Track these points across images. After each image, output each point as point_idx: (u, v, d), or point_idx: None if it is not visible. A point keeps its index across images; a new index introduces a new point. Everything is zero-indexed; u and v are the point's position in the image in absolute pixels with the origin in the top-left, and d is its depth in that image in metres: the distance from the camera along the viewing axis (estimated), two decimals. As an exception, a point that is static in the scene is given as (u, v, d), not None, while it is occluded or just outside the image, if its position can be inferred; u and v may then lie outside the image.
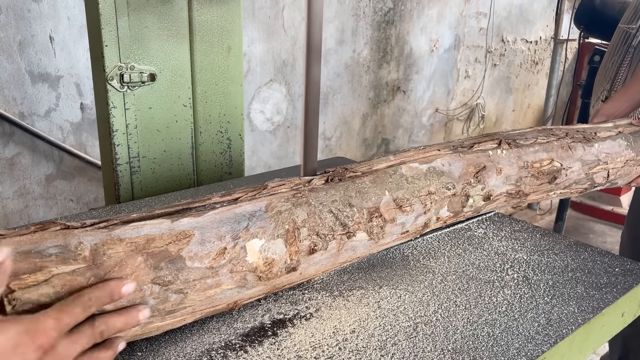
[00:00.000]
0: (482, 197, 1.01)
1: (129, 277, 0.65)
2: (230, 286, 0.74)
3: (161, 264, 0.68)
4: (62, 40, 2.08)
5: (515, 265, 1.00)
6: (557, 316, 0.85)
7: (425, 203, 0.92)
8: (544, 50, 4.69)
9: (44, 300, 0.60)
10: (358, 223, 0.85)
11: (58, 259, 0.62)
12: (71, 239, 0.64)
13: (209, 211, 0.74)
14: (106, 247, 0.65)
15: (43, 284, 0.60)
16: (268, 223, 0.77)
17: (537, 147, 1.08)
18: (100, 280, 0.63)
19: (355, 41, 3.18)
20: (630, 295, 0.94)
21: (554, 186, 1.12)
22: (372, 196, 0.87)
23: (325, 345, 0.76)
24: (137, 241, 0.68)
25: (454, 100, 4.05)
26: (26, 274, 0.60)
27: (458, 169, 0.97)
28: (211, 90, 1.41)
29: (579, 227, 3.66)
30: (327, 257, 0.83)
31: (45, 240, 0.63)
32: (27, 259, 0.61)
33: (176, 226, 0.71)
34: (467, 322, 0.82)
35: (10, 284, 0.59)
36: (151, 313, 0.68)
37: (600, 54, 2.53)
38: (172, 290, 0.69)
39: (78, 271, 0.63)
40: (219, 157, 1.48)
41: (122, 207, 1.21)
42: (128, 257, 0.66)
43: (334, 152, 3.32)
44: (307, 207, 0.81)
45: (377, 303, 0.87)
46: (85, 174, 2.27)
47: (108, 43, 1.22)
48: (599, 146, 1.18)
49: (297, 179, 0.86)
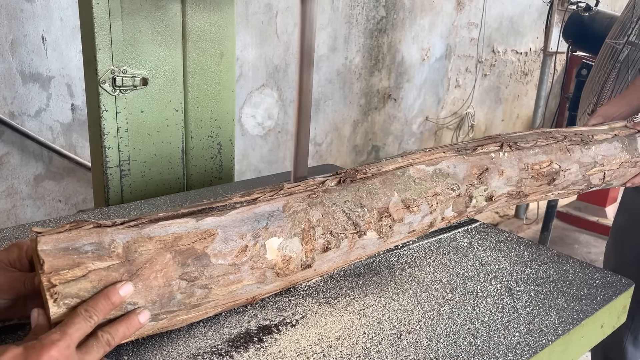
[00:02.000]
0: (485, 197, 1.05)
1: (158, 273, 0.69)
2: (251, 282, 0.78)
3: (188, 261, 0.72)
4: (55, 40, 2.08)
5: (499, 275, 1.02)
6: (537, 327, 0.87)
7: (432, 203, 0.96)
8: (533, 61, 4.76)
9: (82, 294, 0.64)
10: (369, 222, 0.89)
11: (94, 256, 0.66)
12: (104, 236, 0.68)
13: (231, 211, 0.78)
14: (137, 244, 0.69)
15: (81, 279, 0.64)
16: (286, 222, 0.81)
17: (537, 150, 1.12)
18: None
19: (347, 48, 3.21)
20: (609, 307, 0.96)
21: (553, 187, 1.16)
22: (381, 197, 0.91)
23: (310, 352, 0.77)
24: (166, 239, 0.71)
25: (444, 109, 4.08)
26: (65, 269, 0.64)
27: (462, 170, 1.02)
28: (203, 95, 1.42)
29: (565, 237, 3.70)
30: (340, 254, 0.87)
31: (81, 237, 0.67)
32: (66, 256, 0.65)
33: (201, 225, 0.74)
34: (450, 331, 0.84)
35: (52, 278, 0.63)
36: (178, 307, 0.71)
37: (587, 68, 2.57)
38: (197, 285, 0.73)
39: (112, 267, 0.67)
40: (209, 162, 1.49)
41: (112, 210, 1.22)
42: (158, 255, 0.70)
43: (325, 158, 3.33)
44: (321, 207, 0.85)
45: (362, 311, 0.88)
46: (74, 175, 2.27)
47: (101, 47, 1.22)
48: (596, 149, 1.22)
49: (311, 180, 0.90)
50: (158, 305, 0.70)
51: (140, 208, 1.23)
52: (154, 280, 0.69)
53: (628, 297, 1.02)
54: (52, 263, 0.64)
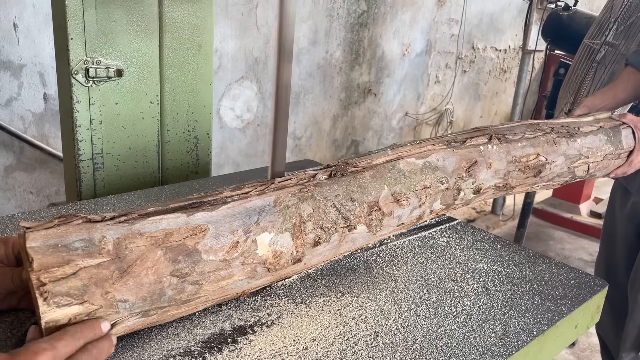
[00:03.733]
0: (473, 190, 1.06)
1: (149, 269, 0.68)
2: (242, 277, 0.78)
3: (179, 257, 0.71)
4: (27, 28, 2.02)
5: (476, 275, 1.02)
6: (513, 327, 0.87)
7: (421, 197, 0.97)
8: (512, 59, 4.80)
9: (73, 292, 0.63)
10: (359, 217, 0.89)
11: (84, 253, 0.65)
12: (94, 233, 0.67)
13: (222, 205, 0.77)
14: (128, 241, 0.68)
15: (71, 277, 0.63)
16: (277, 217, 0.80)
17: (524, 142, 1.13)
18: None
19: (328, 42, 3.19)
20: (583, 308, 0.97)
21: (538, 179, 1.17)
22: (372, 191, 0.91)
23: (286, 353, 0.76)
24: (157, 235, 0.70)
25: (424, 105, 4.10)
26: (55, 267, 0.62)
27: (452, 164, 1.02)
28: (180, 88, 1.39)
29: (540, 233, 3.76)
30: (330, 248, 0.87)
31: (71, 234, 0.65)
32: (55, 253, 0.63)
33: (192, 220, 0.73)
34: (426, 332, 0.83)
35: (41, 277, 0.61)
36: (168, 303, 0.72)
37: (565, 67, 2.60)
38: (188, 281, 0.72)
39: (103, 265, 0.66)
40: (186, 156, 1.46)
41: (84, 204, 1.19)
42: (149, 251, 0.69)
43: (304, 152, 3.32)
44: (312, 202, 0.84)
45: (339, 311, 0.87)
46: (46, 166, 2.21)
47: (74, 36, 1.18)
48: (582, 141, 1.24)
49: (301, 174, 0.89)
50: (149, 302, 0.70)
51: (113, 202, 1.20)
52: (144, 278, 0.68)
53: (602, 297, 1.03)
54: (41, 261, 0.62)
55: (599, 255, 2.07)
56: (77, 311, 0.64)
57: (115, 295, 0.66)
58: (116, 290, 0.66)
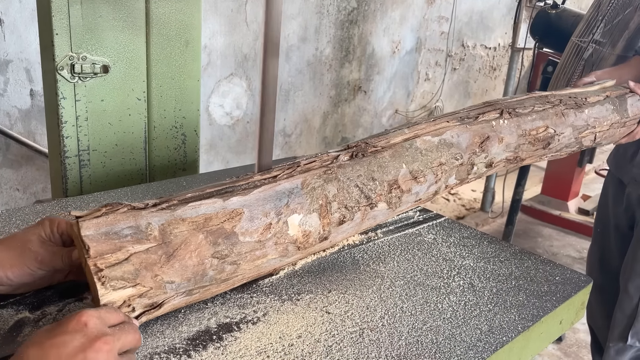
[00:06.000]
0: (485, 164, 1.10)
1: (192, 253, 0.73)
2: (275, 256, 0.83)
3: (219, 240, 0.76)
4: (13, 23, 1.99)
5: (462, 272, 1.02)
6: (498, 323, 0.87)
7: (437, 173, 1.01)
8: (502, 57, 4.82)
9: (127, 276, 0.68)
10: (379, 195, 0.93)
11: (133, 239, 0.70)
12: (140, 220, 0.71)
13: (254, 189, 0.82)
14: (172, 226, 0.73)
15: (124, 262, 0.68)
16: (304, 199, 0.85)
17: (534, 116, 1.16)
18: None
19: (318, 39, 3.18)
20: (568, 304, 0.98)
21: (547, 151, 1.21)
22: (391, 169, 0.95)
23: (271, 350, 0.76)
24: (197, 220, 0.75)
25: (414, 102, 4.11)
26: (109, 254, 0.67)
27: (465, 140, 1.06)
28: (167, 85, 1.38)
29: (529, 230, 3.78)
30: (353, 225, 0.92)
31: (119, 221, 0.70)
32: (108, 240, 0.68)
33: (228, 205, 0.78)
34: (412, 329, 0.84)
35: (98, 263, 0.67)
36: (209, 282, 0.77)
37: (553, 65, 2.61)
38: (227, 262, 0.78)
39: (151, 250, 0.71)
40: (173, 153, 1.45)
41: (69, 201, 1.18)
42: (191, 235, 0.74)
43: (294, 150, 3.31)
44: (336, 183, 0.89)
45: (325, 308, 0.87)
46: (33, 163, 2.19)
47: (59, 31, 1.17)
48: (589, 111, 1.28)
49: (324, 155, 0.93)
50: (192, 282, 0.75)
51: (100, 200, 1.19)
52: (189, 260, 0.73)
53: (586, 293, 1.03)
54: (96, 248, 0.67)
55: (591, 246, 2.09)
56: (130, 293, 0.69)
57: (164, 278, 0.71)
58: (164, 273, 0.71)
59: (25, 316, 0.78)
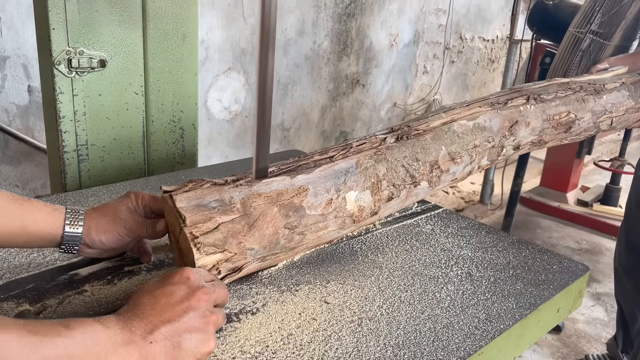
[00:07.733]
0: (513, 147, 1.19)
1: (269, 223, 0.83)
2: (334, 228, 0.93)
3: (289, 213, 0.86)
4: (10, 19, 1.99)
5: (460, 261, 1.03)
6: (496, 312, 0.88)
7: (472, 155, 1.10)
8: (500, 49, 4.81)
9: (217, 243, 0.78)
10: (422, 174, 1.02)
11: (220, 211, 0.80)
12: (224, 194, 0.82)
13: (315, 168, 0.91)
14: (251, 200, 0.83)
15: (214, 231, 0.78)
16: (359, 178, 0.94)
17: (557, 102, 1.27)
18: None
19: (315, 33, 3.18)
20: (565, 292, 0.98)
21: (568, 134, 1.31)
22: (432, 151, 1.04)
23: (270, 340, 0.77)
24: (271, 195, 0.85)
25: (412, 95, 4.10)
26: (201, 223, 0.77)
27: (496, 124, 1.15)
28: (164, 79, 1.38)
29: (528, 222, 3.79)
30: (398, 202, 1.01)
31: (206, 195, 0.80)
32: (199, 212, 0.78)
33: (295, 182, 0.88)
34: (410, 318, 0.84)
35: (193, 231, 0.76)
36: (280, 250, 0.87)
37: (550, 56, 2.61)
38: (296, 232, 0.87)
39: (235, 220, 0.80)
40: (172, 147, 1.46)
41: (69, 195, 1.18)
42: (267, 208, 0.84)
43: (292, 144, 3.31)
44: (385, 163, 0.98)
45: (324, 298, 0.87)
46: (32, 159, 2.19)
47: (55, 26, 1.17)
48: (607, 97, 1.38)
49: (372, 137, 1.02)
50: (267, 249, 0.85)
51: (99, 194, 1.19)
52: (265, 230, 0.83)
53: (584, 282, 1.04)
54: (191, 218, 0.77)
55: (620, 229, 2.21)
56: (219, 258, 0.79)
57: (246, 245, 0.81)
58: (246, 241, 0.81)
59: (26, 309, 0.79)
